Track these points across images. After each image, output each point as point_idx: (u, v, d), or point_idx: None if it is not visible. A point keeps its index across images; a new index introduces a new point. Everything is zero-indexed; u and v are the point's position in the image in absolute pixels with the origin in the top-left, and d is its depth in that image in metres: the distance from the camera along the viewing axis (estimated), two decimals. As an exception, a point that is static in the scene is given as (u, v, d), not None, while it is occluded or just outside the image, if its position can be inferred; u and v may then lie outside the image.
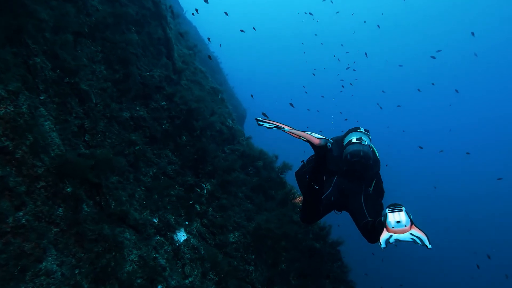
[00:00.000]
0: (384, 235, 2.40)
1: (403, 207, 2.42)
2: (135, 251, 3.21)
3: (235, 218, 4.22)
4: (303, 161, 3.87)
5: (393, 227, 2.34)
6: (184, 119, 4.90)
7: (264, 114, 6.85)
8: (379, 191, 3.34)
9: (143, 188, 3.79)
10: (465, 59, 43.56)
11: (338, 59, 22.45)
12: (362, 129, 3.44)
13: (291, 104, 9.12)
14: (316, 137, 2.68)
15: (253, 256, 3.93)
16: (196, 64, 7.15)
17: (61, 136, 3.20)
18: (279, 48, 53.05)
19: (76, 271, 2.73)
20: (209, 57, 6.79)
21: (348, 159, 3.17)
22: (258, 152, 5.55)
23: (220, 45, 18.44)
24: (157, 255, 3.39)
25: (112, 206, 3.24)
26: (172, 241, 3.68)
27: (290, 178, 5.81)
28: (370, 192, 3.23)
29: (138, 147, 3.95)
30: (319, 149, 2.71)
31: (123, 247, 3.11)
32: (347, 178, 3.26)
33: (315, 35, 33.91)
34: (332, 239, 5.34)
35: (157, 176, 4.04)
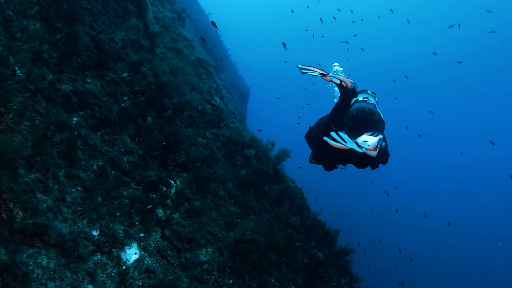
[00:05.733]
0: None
1: (379, 136, 2.85)
2: (51, 284, 2.22)
3: (210, 226, 3.19)
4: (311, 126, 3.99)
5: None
6: (151, 95, 3.80)
7: (213, 23, 5.63)
8: (382, 152, 3.40)
9: (79, 189, 2.76)
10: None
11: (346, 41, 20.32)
12: (369, 91, 3.68)
13: (284, 44, 8.10)
14: (349, 81, 3.39)
15: (231, 281, 2.92)
16: (180, 30, 5.95)
17: None
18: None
19: None
20: (213, 23, 5.58)
21: (354, 114, 3.39)
22: (249, 138, 4.44)
23: None
24: (90, 286, 2.41)
25: (17, 219, 2.24)
26: (118, 261, 2.70)
27: (289, 170, 4.72)
28: None
29: (75, 132, 2.90)
30: (348, 92, 3.37)
31: (29, 280, 2.13)
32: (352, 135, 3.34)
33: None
34: (339, 246, 4.31)
35: (104, 171, 3.00)
